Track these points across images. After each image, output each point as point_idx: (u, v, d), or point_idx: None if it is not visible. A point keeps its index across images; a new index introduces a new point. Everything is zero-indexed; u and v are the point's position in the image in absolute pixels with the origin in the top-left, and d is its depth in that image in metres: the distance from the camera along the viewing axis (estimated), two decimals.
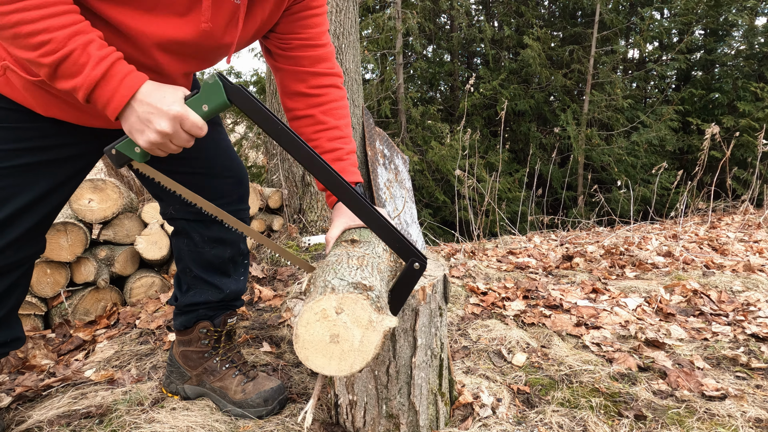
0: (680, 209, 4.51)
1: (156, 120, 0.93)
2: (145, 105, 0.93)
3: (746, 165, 7.64)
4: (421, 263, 1.03)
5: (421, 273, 1.04)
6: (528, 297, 2.40)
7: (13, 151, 1.10)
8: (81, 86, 0.90)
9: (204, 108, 0.98)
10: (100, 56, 0.90)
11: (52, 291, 2.17)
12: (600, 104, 7.98)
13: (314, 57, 1.27)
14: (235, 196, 1.43)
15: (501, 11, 9.32)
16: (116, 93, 0.92)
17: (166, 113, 0.93)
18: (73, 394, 1.57)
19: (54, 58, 0.88)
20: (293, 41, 1.25)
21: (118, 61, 0.93)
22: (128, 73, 0.93)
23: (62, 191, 1.22)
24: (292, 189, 3.25)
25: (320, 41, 1.28)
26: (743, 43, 8.97)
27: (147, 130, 0.94)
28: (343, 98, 1.33)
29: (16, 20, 0.86)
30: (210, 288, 1.45)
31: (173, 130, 0.95)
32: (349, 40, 3.23)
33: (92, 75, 0.90)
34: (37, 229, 1.21)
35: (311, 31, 1.25)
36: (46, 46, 0.87)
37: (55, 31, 0.87)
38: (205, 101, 0.97)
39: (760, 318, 2.10)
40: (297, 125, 1.33)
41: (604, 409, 1.45)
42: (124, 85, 0.92)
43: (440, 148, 6.68)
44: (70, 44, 0.88)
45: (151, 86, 0.95)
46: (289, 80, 1.30)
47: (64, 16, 0.89)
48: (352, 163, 1.31)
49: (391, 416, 1.26)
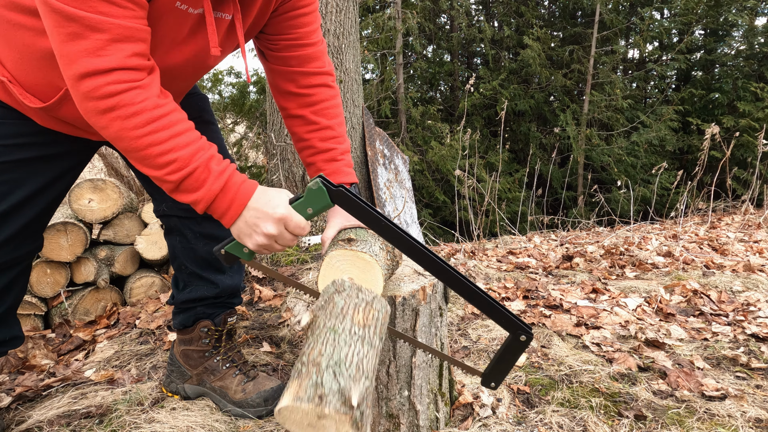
0: (680, 209, 4.51)
1: (263, 224, 0.98)
2: (253, 210, 0.98)
3: (746, 165, 7.63)
4: (527, 335, 1.05)
5: (527, 345, 1.06)
6: (528, 297, 2.40)
7: (8, 147, 1.11)
8: (201, 200, 0.96)
9: (309, 211, 1.02)
10: (219, 171, 0.97)
11: (52, 291, 2.17)
12: (600, 104, 7.97)
13: (303, 57, 1.27)
14: None
15: (501, 11, 9.32)
16: (233, 204, 0.98)
17: (271, 216, 0.97)
18: (73, 394, 1.57)
19: (179, 176, 0.94)
20: (281, 42, 1.25)
21: (233, 173, 0.99)
22: (242, 183, 0.99)
23: (58, 187, 1.23)
24: (292, 189, 3.25)
25: (309, 40, 1.26)
26: (743, 43, 8.97)
27: (254, 234, 0.99)
28: (334, 97, 1.32)
29: (149, 142, 0.91)
30: (205, 284, 1.45)
31: (278, 232, 0.99)
32: (349, 40, 3.22)
33: (212, 190, 0.96)
34: (34, 225, 1.22)
35: (300, 31, 1.24)
36: (173, 165, 0.93)
37: (180, 150, 0.93)
38: (310, 204, 1.01)
39: (760, 318, 2.10)
40: (290, 124, 1.33)
41: (604, 409, 1.45)
42: (239, 195, 0.98)
43: (440, 148, 6.68)
44: (193, 162, 0.94)
45: (260, 192, 1.00)
46: (280, 80, 1.30)
47: (187, 134, 0.95)
48: (347, 163, 1.31)
49: (392, 416, 1.26)
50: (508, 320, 1.06)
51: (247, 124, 6.73)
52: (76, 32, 0.85)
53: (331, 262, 1.09)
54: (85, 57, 0.86)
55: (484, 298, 1.05)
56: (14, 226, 1.17)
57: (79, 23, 0.84)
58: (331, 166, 1.29)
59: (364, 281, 1.09)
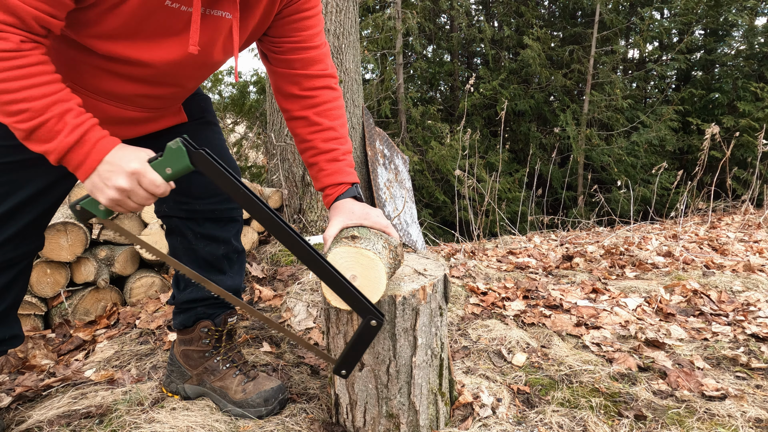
0: (680, 209, 4.51)
1: (114, 177, 0.97)
2: (107, 164, 0.97)
3: (746, 165, 7.63)
4: (378, 321, 1.05)
5: (377, 330, 1.06)
6: (528, 297, 2.40)
7: (10, 148, 1.11)
8: (53, 151, 0.95)
9: (167, 171, 1.00)
10: (76, 124, 0.95)
11: (52, 291, 2.17)
12: (600, 104, 7.97)
13: (306, 60, 1.27)
14: (225, 195, 1.43)
15: (501, 11, 9.32)
16: (87, 157, 0.97)
17: (124, 170, 0.96)
18: (73, 394, 1.57)
19: (29, 125, 0.93)
20: (285, 45, 1.25)
21: (92, 128, 0.97)
22: (100, 138, 0.98)
23: (60, 187, 1.24)
24: (292, 189, 3.25)
25: (313, 43, 1.27)
26: (743, 43, 8.97)
27: (106, 188, 0.98)
28: (337, 99, 1.33)
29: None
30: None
31: (131, 186, 0.98)
32: (349, 40, 3.22)
33: (65, 142, 0.95)
34: (35, 224, 1.22)
35: (303, 34, 1.24)
36: (24, 114, 0.93)
37: (34, 101, 0.92)
38: (168, 164, 1.00)
39: (760, 318, 2.10)
40: (292, 126, 1.34)
41: (604, 409, 1.45)
42: (95, 150, 0.97)
43: (440, 148, 6.68)
44: (47, 114, 0.93)
45: (118, 148, 0.99)
46: (283, 82, 1.30)
47: (45, 87, 0.94)
48: (349, 164, 1.32)
49: (392, 416, 1.26)
50: (360, 304, 1.05)
51: (247, 124, 6.73)
52: None
53: (335, 259, 1.10)
54: None
55: (337, 279, 1.04)
56: (16, 226, 1.18)
57: None
58: (333, 166, 1.29)
59: (368, 278, 1.09)
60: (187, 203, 1.39)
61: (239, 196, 1.02)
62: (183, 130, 1.36)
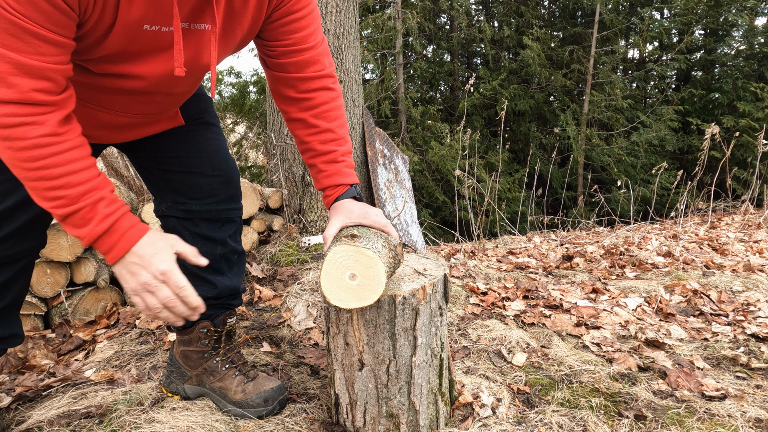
0: (680, 209, 4.51)
1: (140, 272, 1.01)
2: (134, 255, 1.02)
3: (746, 165, 7.63)
4: None
5: None
6: (528, 297, 2.40)
7: None
8: (85, 237, 1.00)
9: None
10: (106, 213, 1.00)
11: (52, 291, 2.17)
12: (600, 104, 7.97)
13: (300, 62, 1.25)
14: (223, 195, 1.43)
15: (501, 11, 9.31)
16: (115, 246, 1.01)
17: (150, 267, 1.01)
18: (73, 394, 1.57)
19: (65, 212, 0.98)
20: (277, 48, 1.24)
21: (122, 217, 1.02)
22: (129, 228, 1.02)
23: None
24: (292, 189, 3.25)
25: (306, 45, 1.24)
26: (743, 43, 8.96)
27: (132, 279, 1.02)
28: (335, 99, 1.31)
29: (38, 176, 0.95)
30: (204, 284, 1.45)
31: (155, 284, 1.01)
32: (349, 40, 3.22)
33: (96, 230, 0.99)
34: (37, 221, 1.22)
35: (295, 36, 1.22)
36: (60, 201, 0.97)
37: (70, 189, 0.96)
38: None
39: (760, 318, 2.10)
40: (291, 127, 1.33)
41: (604, 409, 1.45)
42: (122, 240, 1.01)
43: (440, 148, 6.68)
44: (81, 202, 0.97)
45: (147, 240, 1.03)
46: (280, 85, 1.30)
47: (81, 174, 0.97)
48: (348, 164, 1.31)
49: (391, 416, 1.26)
50: None
51: (247, 124, 6.73)
52: None
53: (334, 257, 1.10)
54: None
55: None
56: (18, 221, 1.18)
57: None
58: (331, 167, 1.29)
59: (367, 277, 1.09)
60: (184, 203, 1.39)
61: None
62: (181, 132, 1.36)
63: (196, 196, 1.39)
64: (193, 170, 1.38)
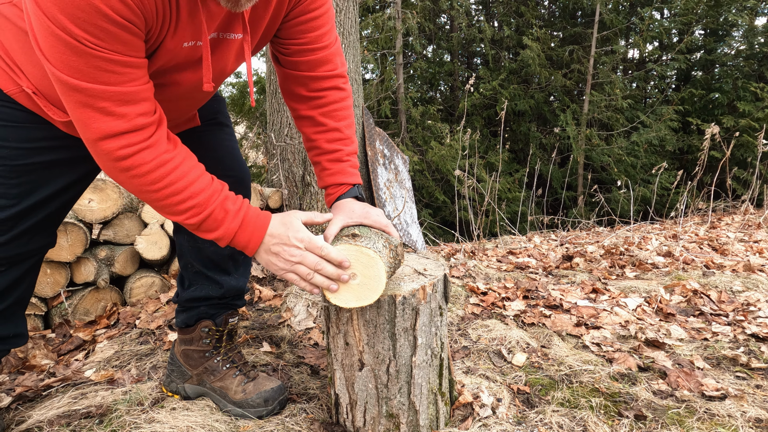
0: (680, 209, 4.51)
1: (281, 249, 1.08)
2: (270, 236, 1.09)
3: (746, 165, 7.63)
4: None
5: None
6: (528, 297, 2.40)
7: (31, 150, 1.14)
8: (223, 237, 1.06)
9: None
10: (236, 210, 1.07)
11: (52, 291, 2.17)
12: (600, 104, 7.97)
13: (313, 61, 1.26)
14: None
15: (501, 11, 9.32)
16: (252, 237, 1.08)
17: (288, 239, 1.08)
18: (73, 394, 1.58)
19: (199, 219, 1.04)
20: (291, 47, 1.24)
21: (248, 210, 1.09)
22: (257, 217, 1.09)
23: (77, 188, 1.26)
24: (292, 189, 3.25)
25: (321, 44, 1.25)
26: (743, 43, 8.96)
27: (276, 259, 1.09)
28: (344, 99, 1.32)
29: (167, 194, 1.01)
30: (210, 283, 1.46)
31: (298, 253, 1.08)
32: (349, 40, 3.23)
33: (231, 228, 1.06)
34: (49, 220, 1.24)
35: (310, 35, 1.23)
36: (193, 210, 1.03)
37: (197, 197, 1.03)
38: None
39: (760, 318, 2.10)
40: (298, 124, 1.34)
41: (604, 409, 1.45)
42: (257, 229, 1.08)
43: (440, 148, 6.68)
44: (210, 205, 1.04)
45: (275, 221, 1.10)
46: (290, 83, 1.31)
47: (200, 180, 1.04)
48: (353, 164, 1.32)
49: (391, 416, 1.26)
50: None
51: (247, 124, 6.74)
52: (80, 101, 0.91)
53: None
54: (93, 123, 0.93)
55: None
56: (32, 221, 1.19)
57: (82, 93, 0.90)
58: (336, 166, 1.30)
59: (368, 277, 1.09)
60: None
61: None
62: (196, 132, 1.37)
63: None
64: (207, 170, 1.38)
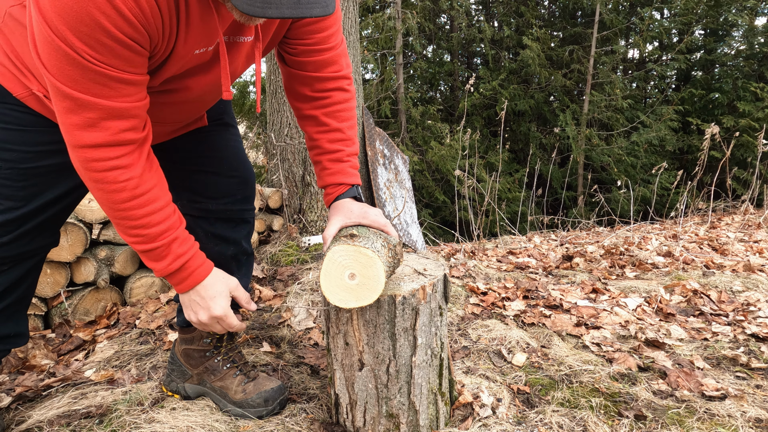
0: (680, 209, 4.51)
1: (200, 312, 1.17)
2: (197, 295, 1.16)
3: (746, 165, 7.63)
4: None
5: None
6: (528, 297, 2.40)
7: (41, 153, 1.15)
8: (159, 271, 1.12)
9: None
10: (179, 253, 1.11)
11: (52, 291, 2.17)
12: (600, 104, 7.97)
13: (319, 62, 1.26)
14: (240, 195, 1.44)
15: (501, 11, 9.32)
16: (183, 282, 1.15)
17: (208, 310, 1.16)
18: (73, 394, 1.58)
19: (144, 248, 1.09)
20: (299, 46, 1.24)
21: (192, 257, 1.14)
22: (196, 268, 1.15)
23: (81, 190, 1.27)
24: (292, 189, 3.25)
25: (327, 45, 1.25)
26: (743, 43, 8.97)
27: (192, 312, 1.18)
28: (348, 100, 1.33)
29: (124, 216, 1.05)
30: None
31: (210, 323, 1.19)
32: (349, 40, 3.22)
33: (169, 268, 1.12)
34: (53, 221, 1.25)
35: (317, 36, 1.23)
36: (140, 238, 1.08)
37: (150, 228, 1.07)
38: None
39: (760, 318, 2.10)
40: (301, 123, 1.35)
41: (604, 409, 1.45)
42: (190, 278, 1.15)
43: (440, 148, 6.68)
44: (158, 241, 1.08)
45: (211, 280, 1.17)
46: (296, 83, 1.31)
47: (159, 213, 1.07)
48: (353, 165, 1.32)
49: (391, 416, 1.26)
50: None
51: (247, 124, 6.73)
52: (69, 107, 0.93)
53: (334, 257, 1.10)
54: (76, 130, 0.95)
55: None
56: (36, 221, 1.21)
57: (72, 101, 0.92)
58: (336, 166, 1.30)
59: (366, 277, 1.09)
60: (201, 202, 1.40)
61: None
62: (203, 132, 1.37)
63: (213, 196, 1.40)
64: (212, 170, 1.39)
